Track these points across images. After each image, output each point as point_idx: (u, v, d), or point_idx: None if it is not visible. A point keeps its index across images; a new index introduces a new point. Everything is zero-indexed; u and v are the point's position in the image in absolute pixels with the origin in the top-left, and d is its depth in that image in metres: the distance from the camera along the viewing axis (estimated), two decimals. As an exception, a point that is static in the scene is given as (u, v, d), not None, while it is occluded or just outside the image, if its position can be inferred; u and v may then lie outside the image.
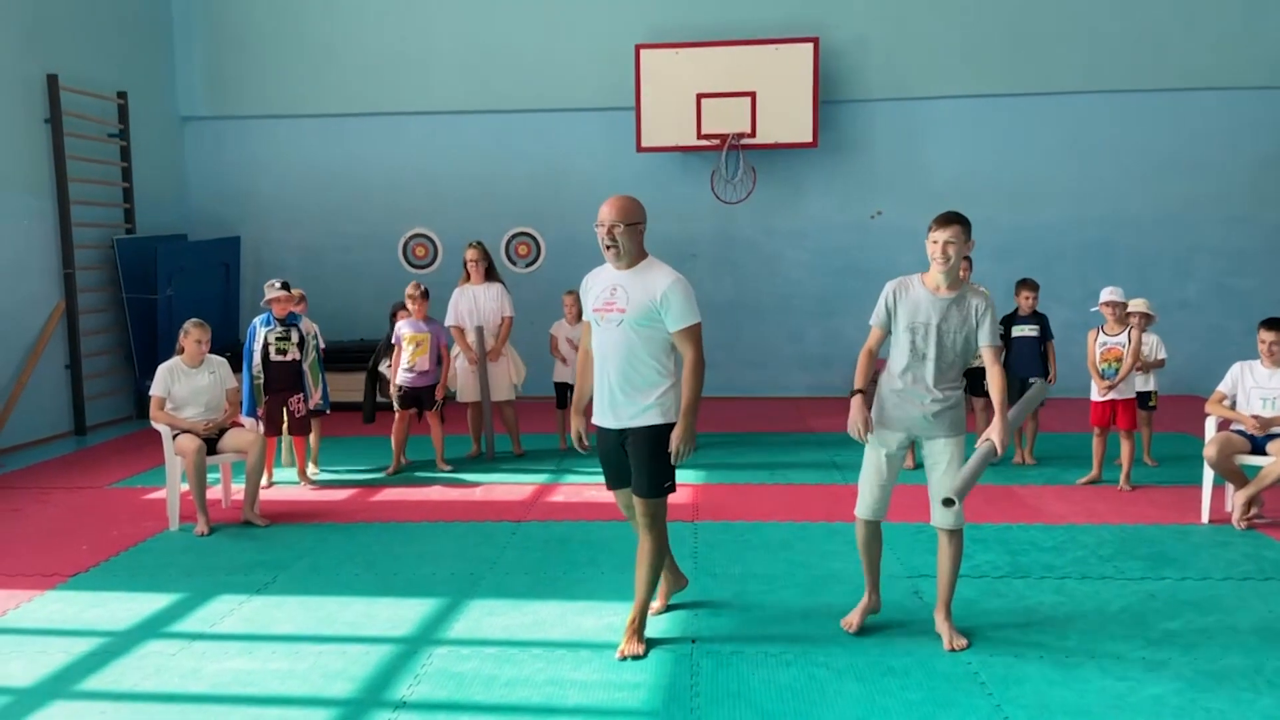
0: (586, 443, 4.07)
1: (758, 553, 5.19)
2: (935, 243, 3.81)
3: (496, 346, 7.41)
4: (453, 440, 7.75)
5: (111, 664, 3.87)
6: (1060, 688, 3.54)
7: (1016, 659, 3.79)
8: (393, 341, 7.30)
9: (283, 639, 4.10)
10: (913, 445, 4.64)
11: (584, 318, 4.00)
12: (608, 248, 3.79)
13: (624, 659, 3.83)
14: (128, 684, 3.70)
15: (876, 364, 4.04)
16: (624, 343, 3.79)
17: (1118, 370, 6.43)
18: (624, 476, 3.94)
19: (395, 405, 7.15)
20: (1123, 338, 6.47)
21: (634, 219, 3.79)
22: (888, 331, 3.93)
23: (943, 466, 3.86)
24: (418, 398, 7.17)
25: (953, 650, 3.85)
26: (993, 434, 3.78)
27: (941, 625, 3.99)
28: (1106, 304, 6.53)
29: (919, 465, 6.94)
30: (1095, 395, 6.53)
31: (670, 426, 3.80)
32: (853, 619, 4.09)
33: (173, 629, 4.23)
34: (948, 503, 3.71)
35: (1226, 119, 10.04)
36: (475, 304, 7.41)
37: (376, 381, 7.71)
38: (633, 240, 3.79)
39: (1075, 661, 3.77)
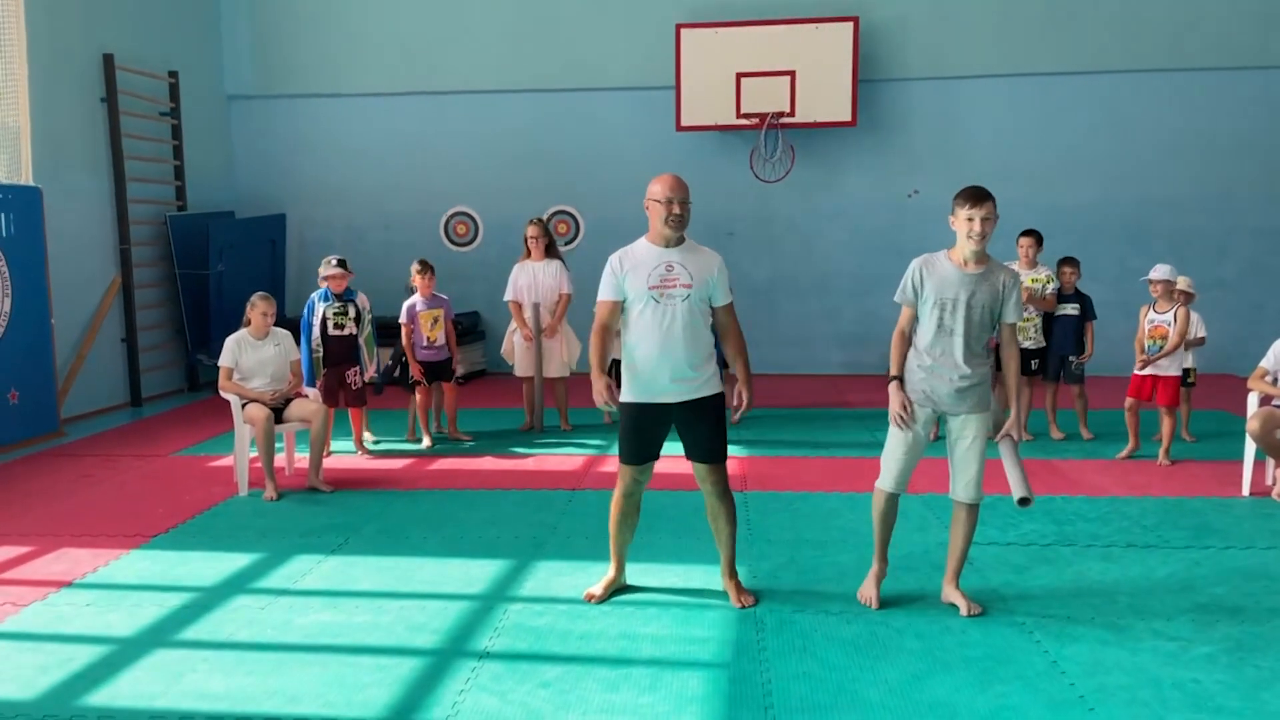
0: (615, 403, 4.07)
1: (808, 520, 5.36)
2: (971, 220, 3.80)
3: (553, 323, 7.55)
4: (480, 414, 7.93)
5: (205, 616, 4.09)
6: (1113, 647, 3.69)
7: (1069, 620, 3.94)
8: (401, 322, 7.30)
9: (364, 595, 4.32)
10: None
11: (609, 296, 3.97)
12: (670, 222, 3.93)
13: (744, 607, 4.09)
14: (224, 634, 3.91)
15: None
16: (688, 317, 3.93)
17: (1161, 347, 6.51)
18: (653, 452, 4.11)
19: (421, 382, 7.24)
20: (1169, 315, 6.54)
21: (689, 197, 4.00)
22: (915, 310, 3.96)
23: (967, 442, 3.92)
24: (438, 372, 7.36)
25: (970, 615, 3.96)
26: (1011, 430, 3.98)
27: (954, 594, 4.08)
28: (1154, 280, 6.59)
29: (940, 438, 7.09)
30: (1137, 369, 6.63)
31: (722, 395, 4.06)
32: (870, 593, 4.10)
33: (258, 585, 4.45)
34: (1024, 502, 3.83)
35: (1266, 98, 10.04)
36: (534, 280, 7.57)
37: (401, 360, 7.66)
38: (688, 216, 3.99)
39: (1126, 623, 3.92)
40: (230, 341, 6.10)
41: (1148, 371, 6.57)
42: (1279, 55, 9.95)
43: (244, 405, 5.98)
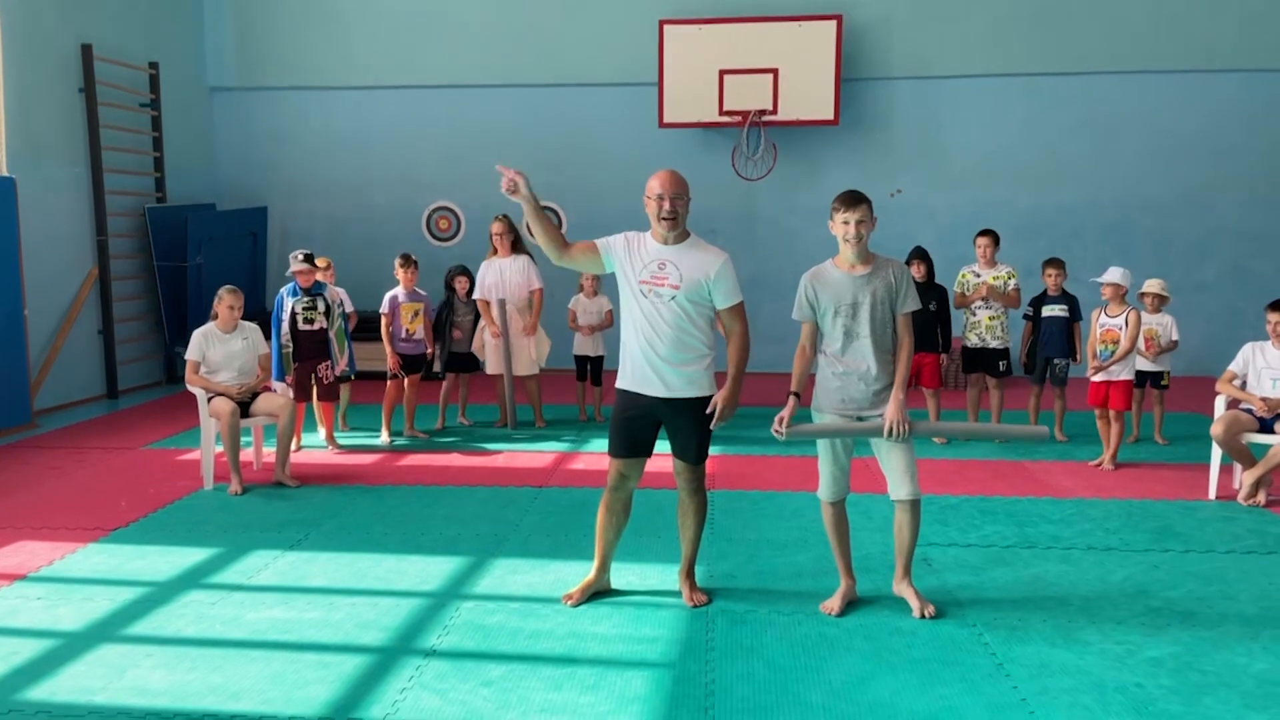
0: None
1: (771, 520, 5.35)
2: (846, 223, 3.82)
3: (533, 319, 7.53)
4: (455, 409, 7.92)
5: (155, 611, 4.08)
6: (1061, 649, 3.69)
7: (1020, 622, 3.94)
8: (381, 312, 7.35)
9: (317, 591, 4.30)
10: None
11: (600, 248, 3.99)
12: (664, 220, 3.89)
13: (696, 606, 4.06)
14: (171, 629, 3.90)
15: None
16: (675, 317, 3.89)
17: (1113, 352, 6.46)
18: (638, 446, 4.03)
19: (399, 374, 7.28)
20: (1120, 320, 6.49)
21: (689, 194, 3.95)
22: (816, 323, 3.96)
23: (887, 442, 3.91)
24: (416, 365, 7.37)
25: (924, 617, 3.94)
26: (886, 413, 3.82)
27: (906, 591, 4.05)
28: (1106, 284, 6.55)
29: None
30: (1090, 374, 6.58)
31: (709, 398, 3.94)
32: (833, 604, 4.04)
33: (211, 580, 4.44)
34: (778, 432, 3.82)
35: (1248, 101, 10.04)
36: (501, 277, 7.51)
37: (444, 340, 7.69)
38: (686, 214, 3.94)
39: (1076, 625, 3.91)
40: (197, 335, 6.07)
41: (1100, 377, 6.52)
42: (1261, 59, 9.95)
43: (210, 399, 5.96)
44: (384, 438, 7.27)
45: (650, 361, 3.92)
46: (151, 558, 4.72)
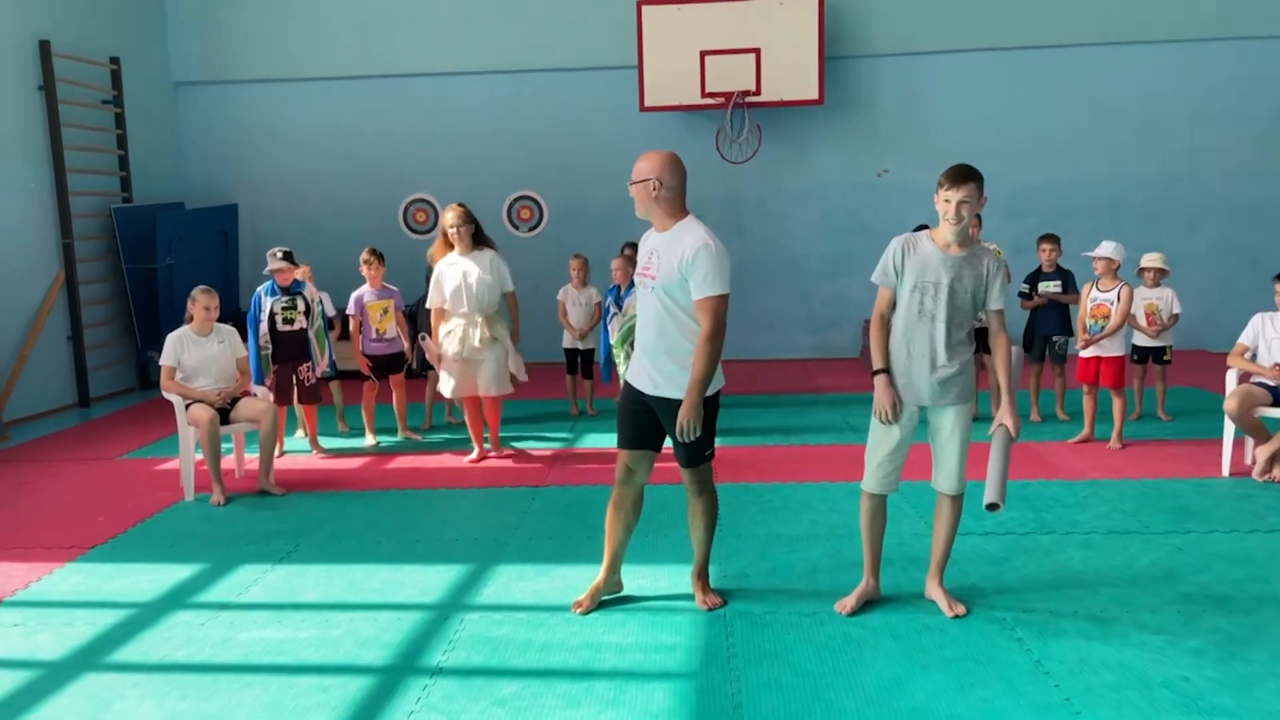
0: None
1: (780, 514, 5.16)
2: (949, 202, 3.56)
3: (515, 327, 6.43)
4: (439, 409, 7.69)
5: (140, 635, 3.83)
6: (1098, 642, 3.53)
7: (1051, 615, 3.78)
8: (349, 313, 7.05)
9: (311, 607, 4.07)
10: None
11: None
12: (639, 208, 3.73)
13: (711, 609, 3.88)
14: (158, 655, 3.66)
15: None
16: (655, 310, 3.69)
17: (1103, 327, 6.34)
18: (642, 438, 3.83)
19: (370, 377, 6.99)
20: (1112, 294, 6.37)
21: (640, 176, 3.65)
22: (894, 293, 3.70)
23: (947, 431, 3.69)
24: (389, 366, 7.09)
25: (954, 617, 3.75)
26: (1005, 418, 3.66)
27: (936, 591, 3.87)
28: (1098, 258, 6.43)
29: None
30: (1079, 349, 6.47)
31: (709, 398, 3.67)
32: (848, 602, 3.84)
33: (199, 599, 4.19)
34: (992, 508, 3.53)
35: (1237, 70, 9.94)
36: (464, 280, 6.10)
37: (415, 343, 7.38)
38: (644, 199, 3.66)
39: (1110, 616, 3.76)
40: (171, 339, 5.80)
41: (1091, 352, 6.39)
42: (1250, 26, 9.84)
43: (188, 406, 5.69)
44: (369, 440, 7.02)
45: (642, 355, 3.76)
46: (134, 576, 4.47)
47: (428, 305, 6.36)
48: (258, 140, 10.70)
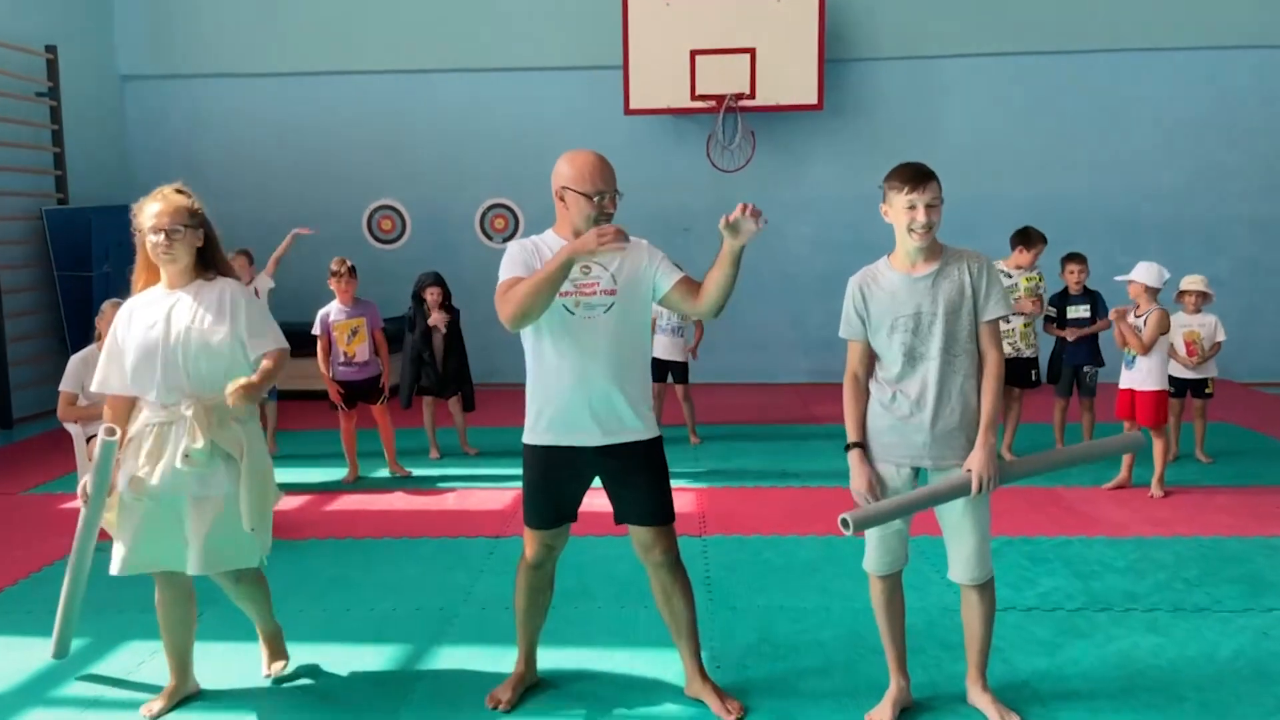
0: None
1: (781, 577, 4.38)
2: (914, 207, 2.84)
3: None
4: (406, 434, 6.89)
5: (-26, 745, 3.02)
6: (1196, 775, 2.77)
7: (1128, 730, 3.01)
8: (313, 333, 6.19)
9: (199, 708, 3.25)
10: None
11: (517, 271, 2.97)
12: (600, 220, 2.95)
13: (740, 718, 3.11)
14: (-12, 778, 2.85)
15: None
16: (614, 334, 2.96)
17: (1135, 358, 5.66)
18: (568, 509, 3.12)
19: (341, 406, 6.15)
20: (1143, 320, 5.66)
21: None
22: (867, 342, 3.02)
23: (958, 507, 2.92)
24: (363, 393, 6.23)
25: None
26: (972, 464, 2.85)
27: (981, 698, 3.10)
28: (1132, 282, 5.76)
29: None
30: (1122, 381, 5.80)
31: (661, 439, 3.09)
32: (884, 715, 3.08)
33: (64, 690, 3.38)
34: (845, 523, 2.72)
35: (1264, 80, 9.30)
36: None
37: (420, 367, 6.65)
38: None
39: (1202, 732, 3.00)
40: (75, 361, 5.00)
41: (1126, 384, 5.73)
42: (1277, 34, 9.22)
43: (89, 439, 4.87)
44: (349, 475, 6.18)
45: (586, 398, 2.95)
46: (-7, 655, 3.65)
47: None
48: (211, 139, 9.89)
